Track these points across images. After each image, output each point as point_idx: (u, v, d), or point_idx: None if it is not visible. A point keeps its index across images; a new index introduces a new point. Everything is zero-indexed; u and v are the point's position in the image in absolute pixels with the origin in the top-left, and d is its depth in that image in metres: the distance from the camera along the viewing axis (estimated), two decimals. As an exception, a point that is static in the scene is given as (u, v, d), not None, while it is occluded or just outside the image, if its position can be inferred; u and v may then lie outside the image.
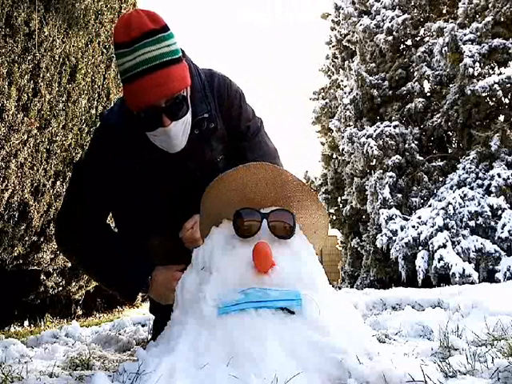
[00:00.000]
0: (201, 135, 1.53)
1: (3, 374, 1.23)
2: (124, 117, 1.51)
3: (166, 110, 1.35)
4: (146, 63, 1.30)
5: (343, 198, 11.96)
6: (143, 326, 2.63)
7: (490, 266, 7.57)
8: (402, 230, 8.61)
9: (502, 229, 7.54)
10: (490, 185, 8.10)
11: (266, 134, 1.74)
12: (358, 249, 10.78)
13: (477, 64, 8.64)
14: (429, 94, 10.34)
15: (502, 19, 8.86)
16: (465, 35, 8.94)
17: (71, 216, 1.58)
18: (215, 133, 1.57)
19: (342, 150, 10.86)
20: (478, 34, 8.85)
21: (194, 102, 1.48)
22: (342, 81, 12.95)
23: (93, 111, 3.20)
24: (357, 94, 10.67)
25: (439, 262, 7.60)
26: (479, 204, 7.88)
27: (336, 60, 12.94)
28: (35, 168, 2.52)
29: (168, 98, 1.34)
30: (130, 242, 1.58)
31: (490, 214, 7.75)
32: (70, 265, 3.20)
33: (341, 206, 12.16)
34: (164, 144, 1.45)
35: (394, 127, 9.80)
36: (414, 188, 9.49)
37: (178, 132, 1.41)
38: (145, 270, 1.51)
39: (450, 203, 8.07)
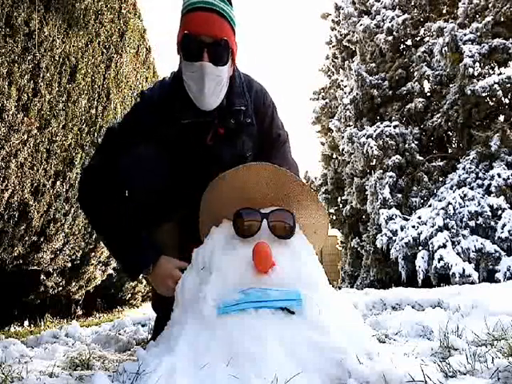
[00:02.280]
0: (237, 126, 1.61)
1: (3, 374, 1.23)
2: (166, 91, 1.60)
3: (209, 47, 1.44)
4: (209, 4, 1.45)
5: (343, 198, 11.96)
6: (143, 326, 2.63)
7: (490, 266, 7.57)
8: (402, 230, 8.61)
9: (502, 229, 7.53)
10: (490, 185, 8.09)
11: (291, 148, 1.84)
12: (358, 249, 10.78)
13: (477, 64, 8.63)
14: (429, 94, 10.34)
15: (502, 19, 8.86)
16: (465, 35, 8.94)
17: (98, 173, 1.59)
18: (249, 128, 1.65)
19: (342, 149, 10.86)
20: (478, 33, 8.85)
21: (233, 94, 1.59)
22: (342, 81, 12.96)
23: (93, 111, 3.20)
24: (357, 93, 10.68)
25: (439, 262, 7.60)
26: (479, 204, 7.88)
27: (336, 60, 12.95)
28: (35, 168, 2.52)
29: (214, 39, 1.45)
30: (142, 219, 1.59)
31: (489, 213, 7.75)
32: (69, 265, 3.20)
33: (341, 205, 12.16)
34: (197, 89, 1.48)
35: (394, 127, 9.80)
36: (414, 188, 9.48)
37: (211, 80, 1.47)
38: (151, 254, 1.52)
39: (449, 203, 8.07)
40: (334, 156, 12.71)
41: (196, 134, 1.58)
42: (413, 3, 10.78)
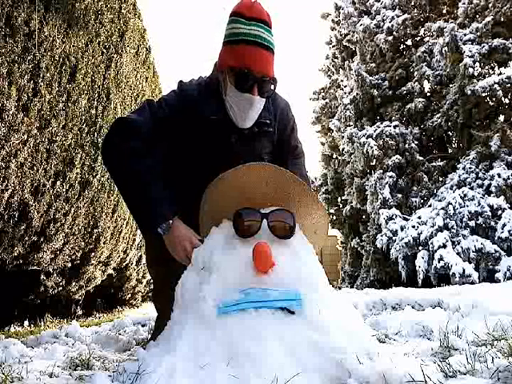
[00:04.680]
0: (258, 132, 1.73)
1: (3, 373, 1.23)
2: (202, 89, 1.69)
3: (260, 82, 1.57)
4: (261, 39, 1.55)
5: (343, 198, 11.96)
6: (143, 325, 2.64)
7: (490, 266, 7.56)
8: (402, 230, 8.60)
9: (502, 229, 7.53)
10: (490, 185, 8.09)
11: (305, 165, 1.97)
12: (358, 249, 10.78)
13: (477, 64, 8.64)
14: (429, 94, 10.34)
15: (502, 19, 8.86)
16: (465, 35, 8.94)
17: (134, 126, 1.59)
18: (270, 135, 1.78)
19: (342, 149, 10.87)
20: (478, 33, 8.85)
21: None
22: (342, 81, 12.96)
23: (93, 111, 3.20)
24: (357, 93, 10.68)
25: (439, 262, 7.60)
26: (479, 204, 7.88)
27: (336, 60, 12.95)
28: (35, 168, 2.52)
29: (265, 76, 1.57)
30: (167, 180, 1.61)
31: (490, 213, 7.75)
32: (70, 265, 3.20)
33: (341, 206, 12.16)
34: (239, 111, 1.62)
35: (394, 127, 9.80)
36: (414, 188, 9.49)
37: (255, 108, 1.62)
38: (171, 210, 1.53)
39: (450, 203, 8.07)
40: (334, 156, 12.71)
41: (222, 132, 1.67)
42: (413, 3, 10.78)
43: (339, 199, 12.34)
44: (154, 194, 1.53)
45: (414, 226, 8.39)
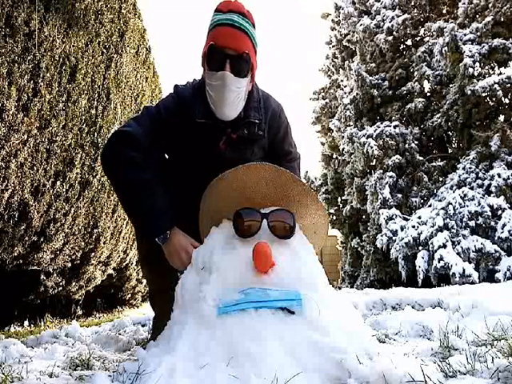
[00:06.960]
0: (248, 136, 1.70)
1: (3, 373, 1.23)
2: (195, 92, 1.70)
3: (232, 58, 1.55)
4: (234, 22, 1.57)
5: (343, 198, 11.96)
6: (143, 326, 2.63)
7: (490, 266, 7.55)
8: (402, 229, 8.60)
9: (502, 229, 7.52)
10: (490, 185, 8.09)
11: (300, 170, 1.96)
12: (358, 249, 10.77)
13: (477, 64, 8.63)
14: (429, 94, 10.33)
15: (502, 19, 8.85)
16: (465, 35, 8.94)
17: (132, 137, 1.60)
18: (260, 140, 1.75)
19: (342, 149, 10.86)
20: (478, 33, 8.84)
21: (249, 107, 1.69)
22: (342, 81, 12.95)
23: (93, 111, 3.19)
24: (357, 94, 10.67)
25: (439, 262, 7.59)
26: (479, 204, 7.87)
27: (336, 60, 12.95)
28: (35, 168, 2.52)
29: (237, 52, 1.56)
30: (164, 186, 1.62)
31: (489, 213, 7.74)
32: (70, 265, 3.20)
33: (341, 206, 12.16)
34: (217, 98, 1.58)
35: (394, 127, 9.79)
36: (414, 188, 9.48)
37: (232, 91, 1.57)
38: (169, 221, 1.54)
39: (450, 203, 8.06)
40: (334, 156, 12.70)
41: (210, 137, 1.66)
42: (413, 3, 10.77)
43: (339, 199, 12.34)
44: (152, 205, 1.54)
45: (414, 226, 8.38)
